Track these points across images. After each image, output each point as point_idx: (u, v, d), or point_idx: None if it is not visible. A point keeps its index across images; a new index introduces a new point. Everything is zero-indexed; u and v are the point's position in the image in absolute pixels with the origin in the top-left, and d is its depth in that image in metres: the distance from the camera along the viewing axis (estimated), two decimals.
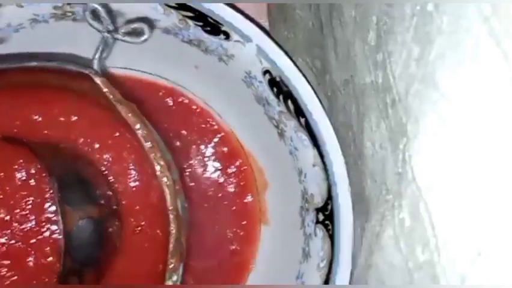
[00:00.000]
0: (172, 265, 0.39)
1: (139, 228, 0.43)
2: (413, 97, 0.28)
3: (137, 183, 0.44)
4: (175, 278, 0.39)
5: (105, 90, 0.39)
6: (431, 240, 0.27)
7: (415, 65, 0.28)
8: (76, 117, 0.43)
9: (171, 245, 0.38)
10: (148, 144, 0.39)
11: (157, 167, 0.38)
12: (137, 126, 0.39)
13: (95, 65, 0.42)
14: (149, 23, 0.43)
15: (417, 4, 0.28)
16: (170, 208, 0.38)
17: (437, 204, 0.27)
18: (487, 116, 0.25)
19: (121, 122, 0.40)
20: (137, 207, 0.43)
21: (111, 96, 0.39)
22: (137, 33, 0.42)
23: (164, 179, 0.39)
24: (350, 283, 0.41)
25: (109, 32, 0.42)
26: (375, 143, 0.34)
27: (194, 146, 0.49)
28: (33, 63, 0.40)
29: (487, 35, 0.24)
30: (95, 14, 0.41)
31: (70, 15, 0.45)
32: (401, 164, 0.30)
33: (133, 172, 0.44)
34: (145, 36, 0.41)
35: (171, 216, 0.38)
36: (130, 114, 0.39)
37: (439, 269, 0.26)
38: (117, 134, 0.43)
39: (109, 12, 0.42)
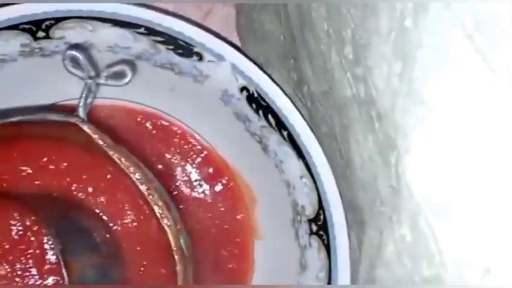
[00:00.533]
0: None
1: (143, 268, 0.42)
2: (400, 112, 0.28)
3: (135, 223, 0.43)
4: None
5: (95, 136, 0.38)
6: (436, 255, 0.26)
7: (398, 80, 0.28)
8: (65, 164, 0.42)
9: (179, 283, 0.38)
10: (143, 187, 0.38)
11: (156, 208, 0.38)
12: (131, 169, 0.38)
13: (81, 113, 0.41)
14: (131, 64, 0.42)
15: (393, 19, 0.27)
16: (174, 249, 0.38)
17: (438, 219, 0.27)
18: (477, 128, 0.25)
19: (112, 163, 0.39)
20: (138, 247, 0.43)
21: (101, 143, 0.38)
22: (119, 75, 0.42)
23: (165, 221, 0.38)
24: None
25: (90, 78, 0.41)
26: (363, 154, 0.34)
27: (179, 168, 0.49)
28: (18, 118, 0.39)
29: (471, 50, 0.23)
30: (74, 62, 0.41)
31: (38, 51, 0.45)
32: (394, 178, 0.29)
33: (129, 213, 0.43)
34: (128, 78, 0.41)
35: (176, 257, 0.38)
36: (122, 159, 0.38)
37: (448, 283, 0.26)
38: (109, 176, 0.42)
39: (89, 57, 0.42)
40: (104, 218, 0.43)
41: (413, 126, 0.27)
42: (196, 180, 0.49)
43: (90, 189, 0.43)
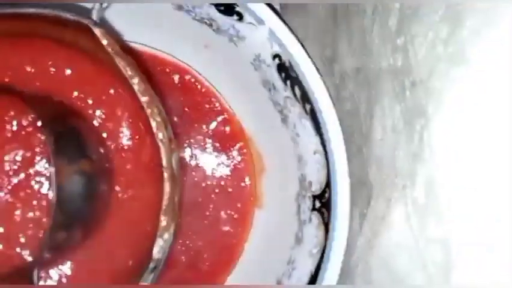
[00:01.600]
0: (165, 223, 0.37)
1: (130, 187, 0.42)
2: (437, 77, 0.28)
3: (129, 142, 0.42)
4: (166, 236, 0.37)
5: (103, 41, 0.37)
6: (446, 216, 0.26)
7: (443, 44, 0.28)
8: (69, 71, 0.41)
9: (164, 203, 0.37)
10: (144, 99, 0.37)
11: (153, 123, 0.37)
12: (135, 80, 0.37)
13: (95, 15, 0.40)
14: None
15: None
16: (164, 166, 0.37)
17: (454, 181, 0.27)
18: None
19: (117, 78, 0.39)
20: (129, 166, 0.42)
21: (109, 49, 0.37)
22: None
23: (160, 135, 0.37)
24: (348, 265, 0.41)
25: None
26: (386, 127, 0.34)
27: (196, 125, 0.49)
28: (29, 10, 0.38)
29: None
30: None
31: None
32: (417, 143, 0.29)
33: (125, 130, 0.42)
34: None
35: (165, 175, 0.37)
36: (127, 68, 0.37)
37: (453, 244, 0.26)
38: (112, 90, 0.41)
39: None
40: (100, 131, 0.42)
41: (448, 89, 0.27)
42: (210, 140, 0.49)
43: (90, 101, 0.41)
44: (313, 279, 0.44)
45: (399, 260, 0.30)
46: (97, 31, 0.38)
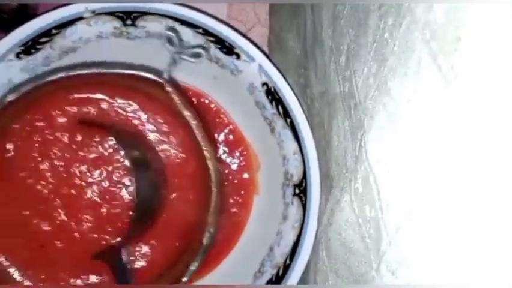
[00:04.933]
0: (211, 220, 0.39)
1: (179, 191, 0.43)
2: (370, 101, 0.28)
3: (179, 160, 0.44)
4: (211, 229, 0.39)
5: (175, 97, 0.39)
6: (377, 203, 0.26)
7: (373, 77, 0.28)
8: (135, 106, 0.43)
9: (212, 206, 0.39)
10: (200, 137, 0.39)
11: (206, 154, 0.39)
12: (194, 122, 0.39)
13: (166, 75, 0.42)
14: (205, 49, 0.43)
15: (377, 34, 0.28)
16: (212, 180, 0.39)
17: (382, 177, 0.27)
18: (423, 114, 0.25)
19: (172, 115, 0.40)
20: (178, 177, 0.43)
21: (178, 102, 0.39)
22: (196, 54, 0.42)
23: (209, 163, 0.39)
24: (315, 238, 0.41)
25: (177, 53, 0.42)
26: (340, 136, 0.34)
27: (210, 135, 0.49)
28: (121, 70, 0.40)
29: (426, 54, 0.24)
30: (170, 41, 0.43)
31: (126, 34, 0.45)
32: (358, 149, 0.29)
33: (176, 152, 0.44)
34: (202, 58, 0.43)
35: (214, 190, 0.39)
36: (189, 114, 0.39)
37: (381, 222, 0.26)
38: (168, 125, 0.43)
39: (180, 39, 0.43)
40: (160, 153, 0.44)
41: (377, 110, 0.27)
42: (220, 145, 0.49)
43: (153, 133, 0.44)
44: (295, 246, 0.44)
45: (347, 233, 0.31)
46: (169, 88, 0.39)
